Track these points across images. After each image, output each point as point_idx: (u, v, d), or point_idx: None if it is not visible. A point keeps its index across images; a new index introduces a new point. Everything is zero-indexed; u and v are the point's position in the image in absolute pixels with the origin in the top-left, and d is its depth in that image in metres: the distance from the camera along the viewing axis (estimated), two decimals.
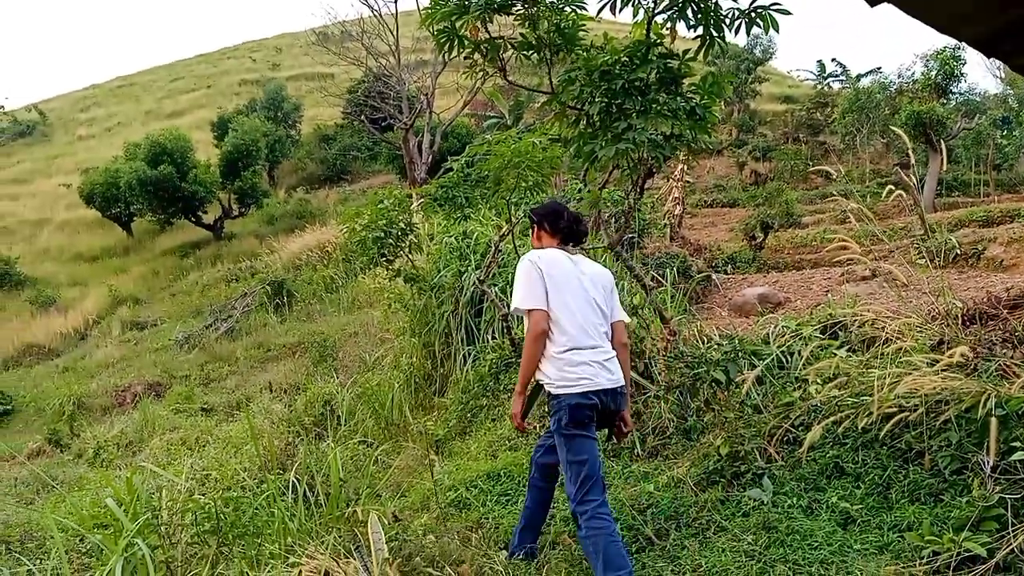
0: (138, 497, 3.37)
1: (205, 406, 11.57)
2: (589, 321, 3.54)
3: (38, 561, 4.85)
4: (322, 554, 3.55)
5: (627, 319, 3.91)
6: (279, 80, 39.77)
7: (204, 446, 8.36)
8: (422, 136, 23.76)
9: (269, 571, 3.41)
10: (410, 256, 8.05)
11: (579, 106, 5.09)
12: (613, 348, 3.62)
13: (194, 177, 24.87)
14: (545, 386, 3.53)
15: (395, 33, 23.68)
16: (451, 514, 4.57)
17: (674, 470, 4.47)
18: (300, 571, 3.16)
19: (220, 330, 16.40)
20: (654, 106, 4.77)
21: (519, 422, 3.64)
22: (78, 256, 28.66)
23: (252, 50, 59.36)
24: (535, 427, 4.75)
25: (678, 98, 4.83)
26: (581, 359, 3.44)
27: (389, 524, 4.09)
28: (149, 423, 10.49)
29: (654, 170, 5.32)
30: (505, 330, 6.63)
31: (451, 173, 7.42)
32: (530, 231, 4.02)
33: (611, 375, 3.51)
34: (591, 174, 5.36)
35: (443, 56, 22.49)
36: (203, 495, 3.89)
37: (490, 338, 7.26)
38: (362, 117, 27.65)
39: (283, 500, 4.10)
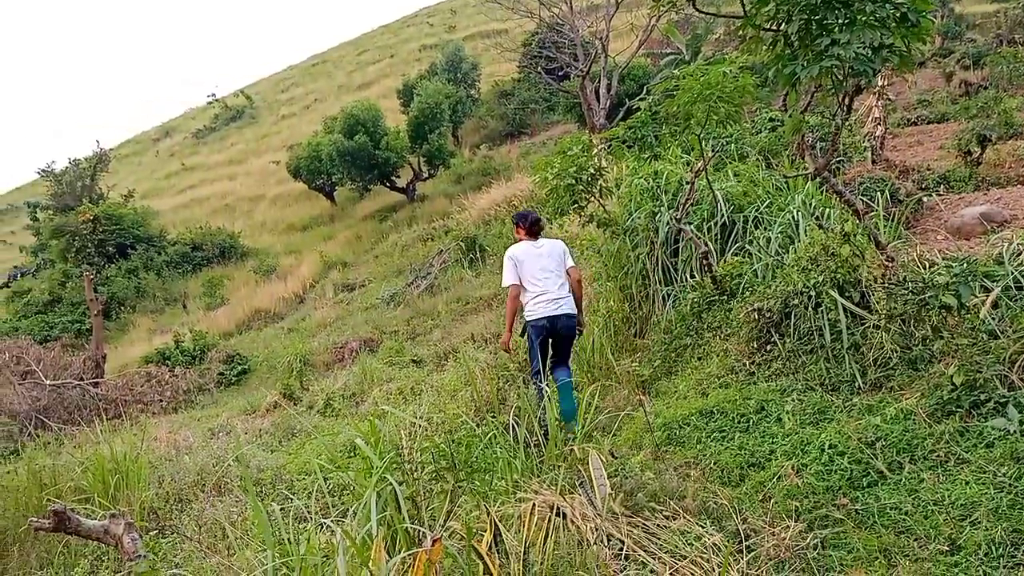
0: (381, 438, 3.68)
1: (415, 358, 12.26)
2: (541, 281, 6.20)
3: (290, 500, 5.39)
4: (547, 490, 3.71)
5: (573, 263, 6.54)
6: (456, 41, 40.61)
7: (419, 394, 8.92)
8: (599, 81, 23.43)
9: (500, 505, 3.61)
10: (601, 201, 8.06)
11: (775, 27, 4.83)
12: (568, 291, 6.28)
13: (386, 144, 26.11)
14: (524, 316, 6.27)
15: None
16: (666, 451, 4.60)
17: (901, 402, 4.23)
18: (533, 504, 3.33)
19: (421, 287, 17.27)
20: (859, 16, 4.44)
21: (506, 346, 6.57)
22: (290, 227, 31.15)
23: (429, 15, 61.13)
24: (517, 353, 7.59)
25: (886, 5, 4.45)
26: (537, 302, 6.16)
27: (607, 461, 4.20)
28: (367, 376, 11.31)
29: (862, 86, 4.96)
30: (706, 268, 6.50)
31: (639, 112, 7.31)
32: (514, 230, 6.69)
33: (557, 308, 6.14)
34: (791, 98, 5.08)
35: None
36: (433, 436, 4.17)
37: (688, 277, 7.16)
38: (538, 69, 27.72)
39: (505, 440, 4.31)
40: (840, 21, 4.45)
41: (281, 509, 4.58)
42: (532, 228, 6.51)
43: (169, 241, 29.20)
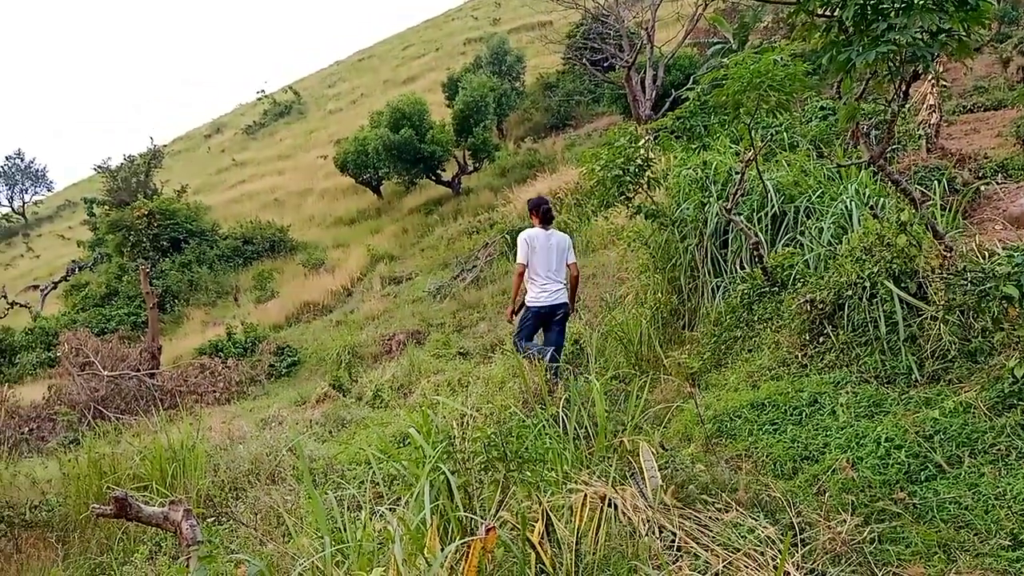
0: (434, 428, 3.72)
1: (462, 350, 12.33)
2: (548, 272, 7.24)
3: (342, 489, 5.47)
4: (598, 481, 3.71)
5: (574, 259, 7.53)
6: (501, 34, 40.50)
7: (467, 385, 8.96)
8: (644, 72, 23.22)
9: (551, 496, 3.63)
10: (649, 192, 8.01)
11: (829, 13, 4.75)
12: (565, 282, 7.37)
13: (431, 138, 26.22)
14: (525, 301, 7.39)
15: None
16: (717, 443, 4.57)
17: (960, 395, 4.13)
18: (584, 495, 3.34)
19: (467, 280, 17.34)
20: (916, 0, 4.34)
21: (510, 317, 7.92)
22: (338, 220, 31.48)
23: (473, 8, 61.18)
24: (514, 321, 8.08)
25: None
26: (542, 291, 7.23)
27: (657, 453, 4.18)
28: (415, 367, 11.39)
29: (919, 73, 4.85)
30: (757, 259, 6.42)
31: (687, 103, 7.25)
32: (529, 215, 7.67)
33: (555, 298, 7.27)
34: (845, 85, 4.99)
35: None
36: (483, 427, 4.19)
37: (738, 268, 7.08)
38: (583, 60, 27.59)
39: (555, 432, 4.31)
40: (897, 5, 4.36)
41: (335, 497, 4.67)
42: (544, 217, 7.44)
43: (221, 235, 29.72)
